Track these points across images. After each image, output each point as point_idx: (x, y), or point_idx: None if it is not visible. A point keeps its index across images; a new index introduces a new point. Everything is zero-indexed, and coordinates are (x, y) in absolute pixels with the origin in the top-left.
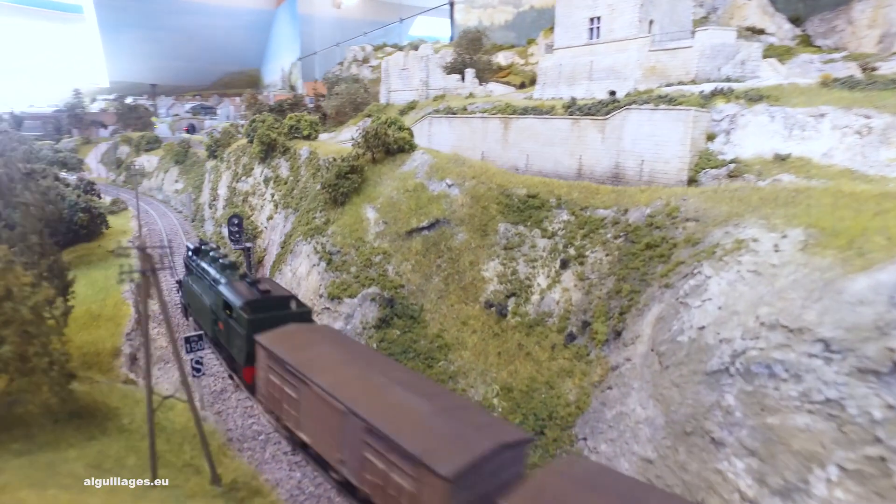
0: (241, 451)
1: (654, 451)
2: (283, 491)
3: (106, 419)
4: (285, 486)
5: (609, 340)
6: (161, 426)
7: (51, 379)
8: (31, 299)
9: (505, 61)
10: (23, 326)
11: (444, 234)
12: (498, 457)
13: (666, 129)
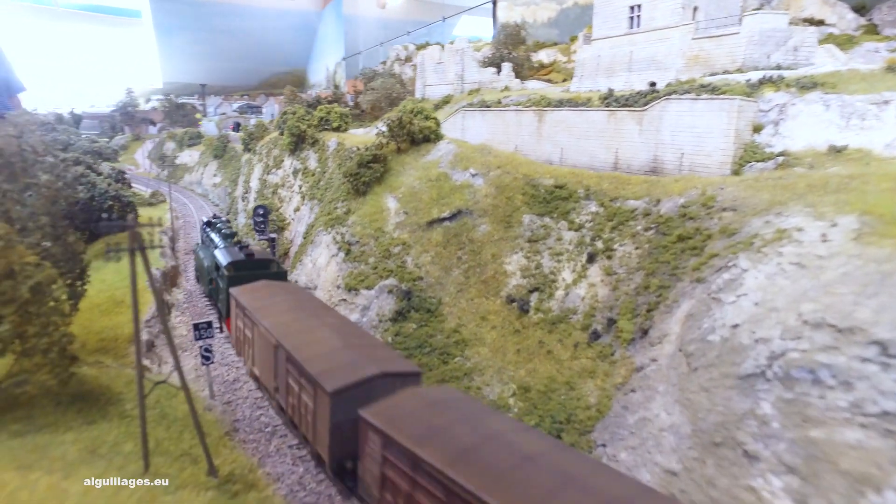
0: (245, 443)
1: (678, 462)
2: (284, 485)
3: (109, 404)
4: (286, 480)
5: (635, 339)
6: (163, 413)
7: (50, 360)
8: (33, 279)
9: (547, 59)
10: (23, 306)
11: (465, 226)
12: (381, 382)
13: (708, 119)
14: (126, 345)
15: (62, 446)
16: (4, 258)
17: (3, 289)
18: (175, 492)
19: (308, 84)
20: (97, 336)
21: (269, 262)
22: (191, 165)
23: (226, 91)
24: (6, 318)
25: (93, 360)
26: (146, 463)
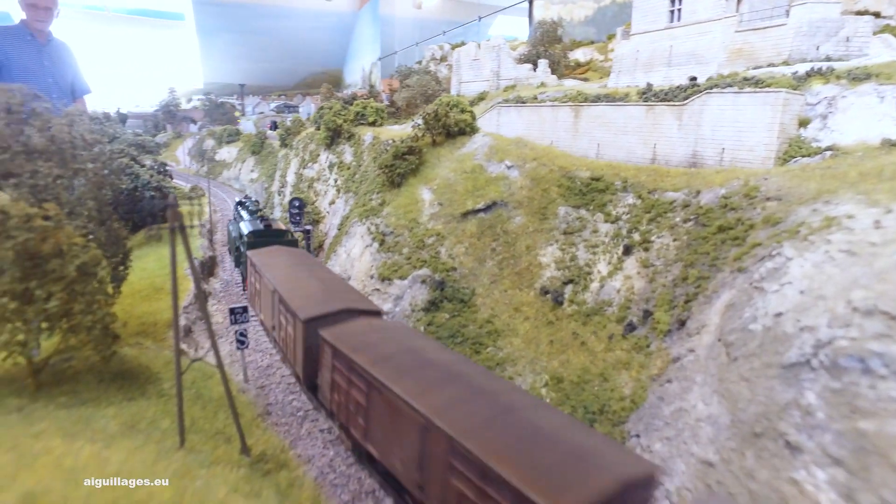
0: (277, 426)
1: (715, 453)
2: (314, 468)
3: (147, 383)
4: (317, 462)
5: (672, 331)
6: (198, 393)
7: (94, 337)
8: (80, 259)
9: (584, 58)
10: (70, 284)
11: (500, 217)
12: (346, 315)
13: (751, 113)
14: (164, 329)
15: (104, 419)
16: (54, 238)
17: (52, 267)
18: (209, 466)
19: (344, 84)
20: (138, 320)
21: (282, 231)
22: (229, 162)
23: (264, 91)
24: (55, 295)
25: (133, 341)
26: (182, 438)
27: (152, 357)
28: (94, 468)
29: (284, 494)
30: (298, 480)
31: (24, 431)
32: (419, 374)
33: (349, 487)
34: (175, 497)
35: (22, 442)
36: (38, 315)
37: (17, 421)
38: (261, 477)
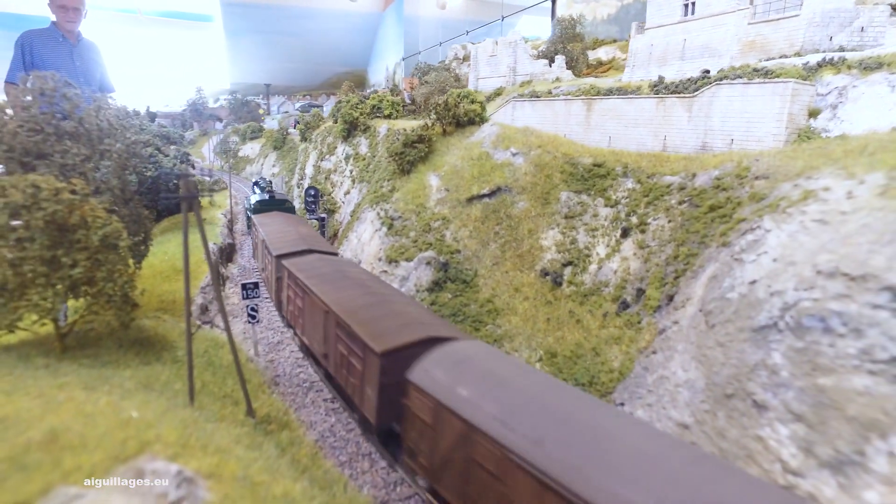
0: (283, 395)
1: (690, 415)
2: (315, 432)
3: (163, 350)
4: (318, 427)
5: (661, 307)
6: (210, 361)
7: (114, 304)
8: (103, 230)
9: (606, 56)
10: (94, 254)
11: (504, 202)
12: (308, 253)
13: (760, 104)
14: (182, 307)
15: (121, 379)
16: (80, 210)
17: (77, 237)
18: (215, 422)
19: (368, 83)
20: (158, 298)
21: (283, 201)
22: (252, 157)
23: (289, 91)
24: (79, 262)
25: (153, 315)
26: (191, 396)
27: (169, 328)
28: (110, 414)
29: (284, 450)
30: (298, 440)
31: (49, 383)
32: (335, 284)
33: (347, 450)
34: (180, 439)
35: (47, 391)
36: (64, 280)
37: (44, 375)
38: (263, 435)
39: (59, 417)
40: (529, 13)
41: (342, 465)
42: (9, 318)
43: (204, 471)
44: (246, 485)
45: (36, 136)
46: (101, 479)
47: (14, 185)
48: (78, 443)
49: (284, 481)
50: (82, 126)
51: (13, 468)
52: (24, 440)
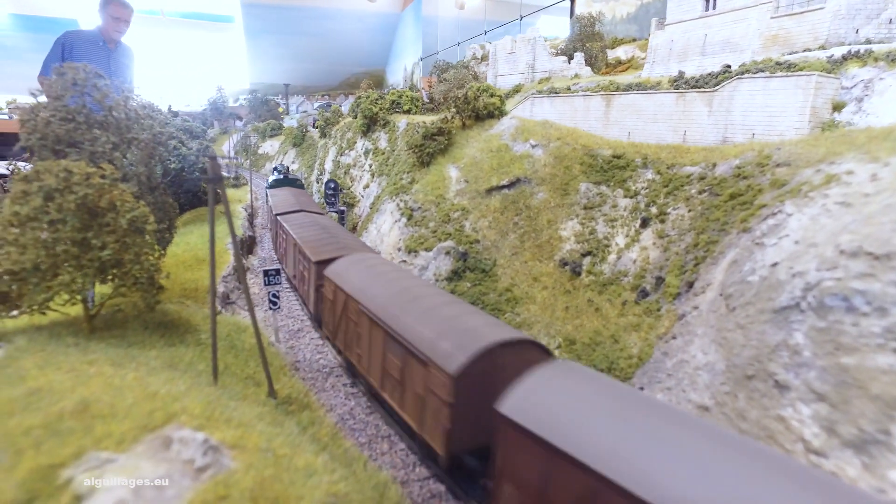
0: (303, 380)
1: (710, 397)
2: (335, 415)
3: (187, 333)
4: (338, 410)
5: (681, 294)
6: (232, 344)
7: (141, 286)
8: (130, 213)
9: (625, 55)
10: (122, 237)
11: (523, 193)
12: (301, 213)
13: (782, 98)
14: (205, 294)
15: (147, 358)
16: (109, 194)
17: (106, 220)
18: (238, 400)
19: (386, 83)
20: (181, 286)
21: (295, 179)
22: (272, 154)
23: (307, 91)
24: (108, 245)
25: (177, 300)
26: (215, 375)
27: (192, 313)
28: (137, 387)
29: (305, 429)
30: (319, 420)
31: (79, 359)
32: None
33: (366, 432)
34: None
35: (77, 366)
36: (93, 262)
37: (74, 352)
38: (284, 414)
39: (89, 389)
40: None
41: (361, 446)
42: (42, 297)
43: (228, 441)
44: (269, 456)
45: (67, 124)
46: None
47: (48, 169)
48: (108, 412)
49: (306, 455)
50: (112, 115)
51: (48, 434)
52: (58, 409)
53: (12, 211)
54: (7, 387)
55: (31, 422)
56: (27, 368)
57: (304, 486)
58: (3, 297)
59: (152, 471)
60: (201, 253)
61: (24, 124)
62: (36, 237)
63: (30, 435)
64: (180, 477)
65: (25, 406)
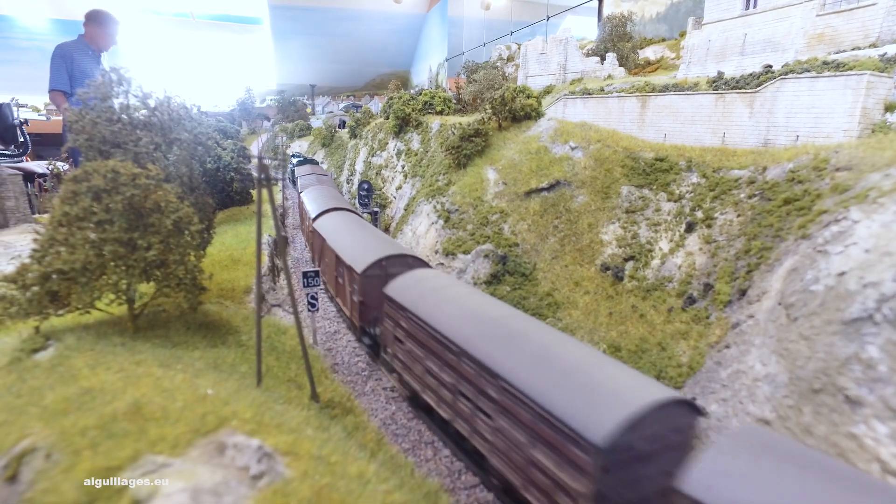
0: (343, 383)
1: (772, 410)
2: (377, 419)
3: (228, 334)
4: (379, 415)
5: (732, 301)
6: (273, 346)
7: (185, 286)
8: (175, 214)
9: (654, 56)
10: (166, 237)
11: (563, 196)
12: (317, 181)
13: (830, 99)
14: (242, 294)
15: (191, 359)
16: (154, 195)
17: (152, 221)
18: (283, 404)
19: (411, 84)
20: (218, 286)
21: (313, 160)
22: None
23: (333, 91)
24: (154, 245)
25: (215, 301)
26: (259, 378)
27: (232, 314)
28: (187, 389)
29: (350, 434)
30: (363, 425)
31: (127, 359)
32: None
33: (409, 437)
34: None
35: (126, 367)
36: (139, 262)
37: (122, 351)
38: (328, 418)
39: (139, 391)
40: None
41: (405, 452)
42: (90, 296)
43: (281, 448)
44: (322, 463)
45: (113, 125)
46: (185, 449)
47: (96, 170)
48: (160, 415)
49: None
50: (155, 115)
51: (103, 435)
52: (111, 410)
53: (62, 211)
54: (61, 385)
55: (85, 422)
56: (78, 368)
57: (361, 496)
58: (54, 296)
59: (209, 477)
60: (236, 253)
61: (72, 126)
62: (85, 237)
63: (86, 435)
64: (237, 484)
65: (79, 405)
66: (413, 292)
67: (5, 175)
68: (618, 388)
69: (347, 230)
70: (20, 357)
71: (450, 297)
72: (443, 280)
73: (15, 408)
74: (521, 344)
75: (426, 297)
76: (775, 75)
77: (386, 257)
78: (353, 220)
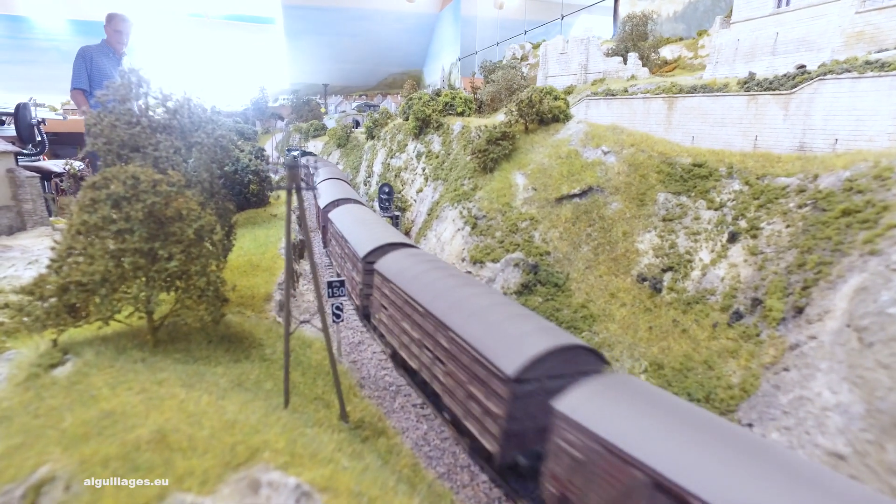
0: (370, 399)
1: (846, 444)
2: (408, 439)
3: (251, 347)
4: (410, 435)
5: (786, 319)
6: (297, 360)
7: (207, 298)
8: (197, 223)
9: (671, 55)
10: (188, 247)
11: (596, 203)
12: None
13: (873, 100)
14: (261, 302)
15: (214, 376)
16: (175, 203)
17: (173, 229)
18: (312, 427)
19: (424, 83)
20: (237, 293)
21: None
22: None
23: (345, 91)
24: (175, 256)
25: (236, 310)
26: (286, 399)
27: (254, 325)
28: (213, 414)
29: (384, 460)
30: (397, 448)
31: (148, 378)
32: None
33: (444, 460)
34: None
35: (148, 387)
36: (160, 273)
37: (142, 369)
38: (360, 441)
39: (163, 416)
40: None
41: (440, 478)
42: (110, 309)
43: (319, 483)
44: (363, 501)
45: (132, 128)
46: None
47: (115, 176)
48: (187, 445)
49: (400, 497)
50: (175, 118)
51: (127, 467)
52: (134, 438)
53: (81, 219)
54: (80, 407)
55: (107, 450)
56: (98, 387)
57: None
58: (71, 309)
59: None
60: (254, 258)
61: (91, 129)
62: (105, 247)
63: (108, 467)
64: None
65: (100, 430)
66: (395, 267)
67: (23, 177)
68: (532, 335)
69: (353, 217)
70: (37, 373)
71: (424, 270)
72: (422, 257)
73: (32, 429)
74: (467, 305)
75: (405, 271)
76: (812, 76)
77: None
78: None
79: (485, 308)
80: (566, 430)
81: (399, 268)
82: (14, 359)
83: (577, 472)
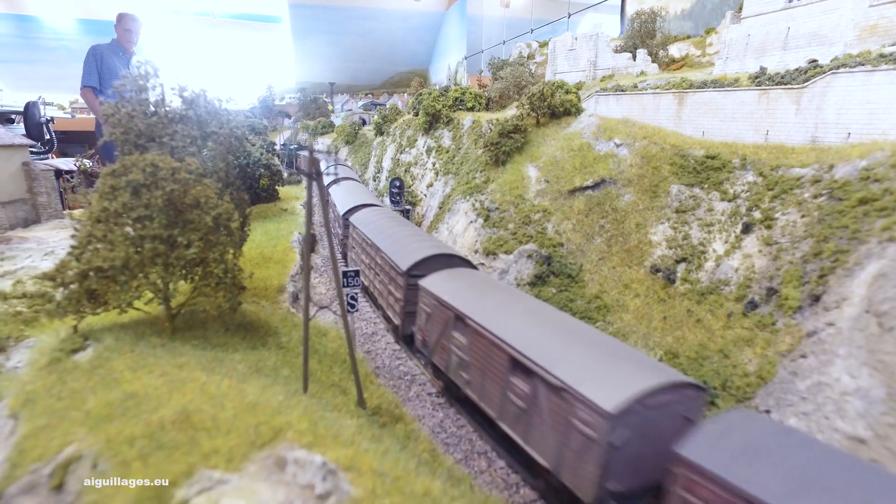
0: (386, 387)
1: (867, 428)
2: (425, 426)
3: (267, 335)
4: (427, 423)
5: (803, 307)
6: (314, 348)
7: (224, 285)
8: (215, 210)
9: (678, 53)
10: (206, 234)
11: (609, 194)
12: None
13: (887, 94)
14: (275, 293)
15: (232, 362)
16: (194, 191)
17: (192, 217)
18: (332, 412)
19: (430, 82)
20: (251, 284)
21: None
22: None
23: (352, 89)
24: (193, 243)
25: (251, 300)
26: (305, 384)
27: (269, 314)
28: (235, 397)
29: (403, 444)
30: (414, 433)
31: (169, 362)
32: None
33: (461, 447)
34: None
35: (169, 370)
36: (179, 260)
37: (162, 353)
38: (378, 427)
39: (186, 397)
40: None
41: (458, 463)
42: (129, 295)
43: (342, 463)
44: (386, 479)
45: (149, 118)
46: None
47: (135, 163)
48: (210, 425)
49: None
50: (192, 109)
51: (153, 446)
52: (158, 418)
53: (101, 206)
54: (103, 389)
55: (132, 430)
56: (119, 370)
57: None
58: (92, 295)
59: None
60: (266, 251)
61: (108, 119)
62: (125, 233)
63: (133, 445)
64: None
65: (124, 411)
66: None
67: (38, 170)
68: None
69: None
70: (59, 357)
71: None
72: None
73: (57, 411)
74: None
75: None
76: (824, 70)
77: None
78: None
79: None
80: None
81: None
82: (34, 346)
83: None
